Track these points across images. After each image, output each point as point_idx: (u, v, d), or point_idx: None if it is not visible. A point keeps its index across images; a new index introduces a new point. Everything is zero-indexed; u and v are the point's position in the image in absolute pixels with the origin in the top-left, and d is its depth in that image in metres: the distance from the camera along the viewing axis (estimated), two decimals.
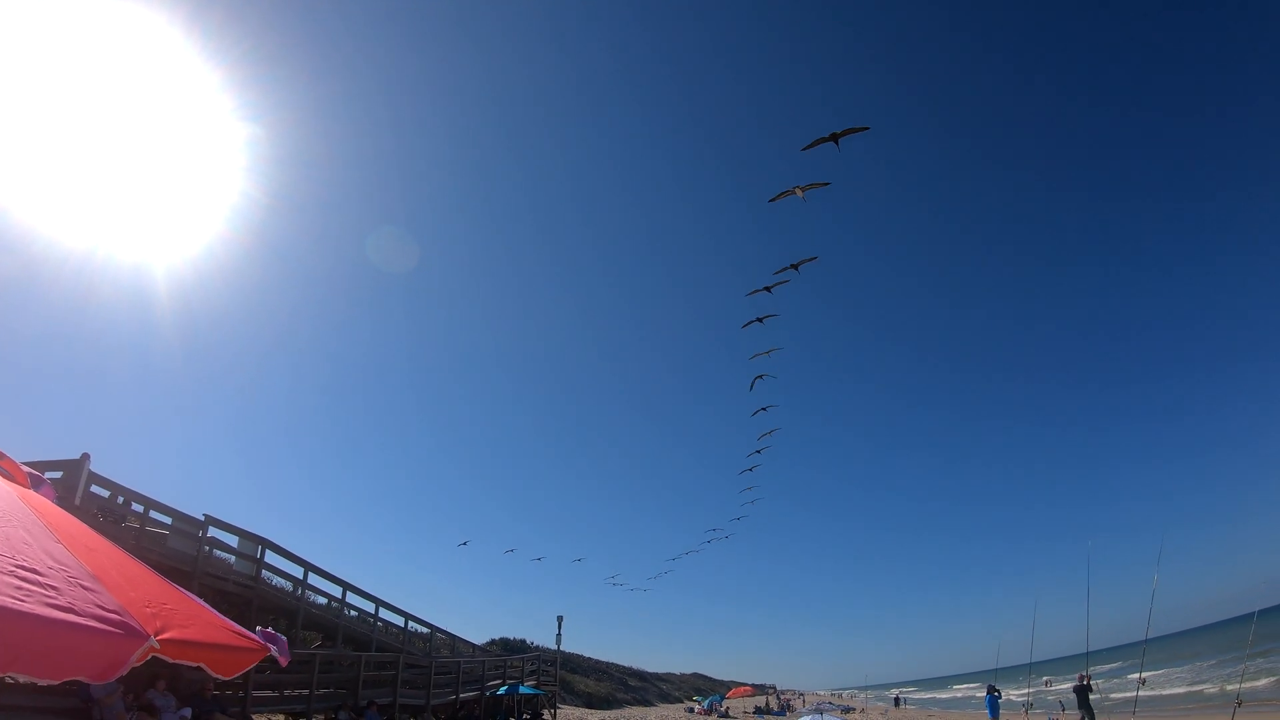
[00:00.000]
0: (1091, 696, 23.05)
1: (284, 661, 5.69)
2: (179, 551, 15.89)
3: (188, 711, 12.39)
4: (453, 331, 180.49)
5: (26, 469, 4.57)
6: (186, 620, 3.41)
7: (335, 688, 18.67)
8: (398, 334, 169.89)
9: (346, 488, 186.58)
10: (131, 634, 2.83)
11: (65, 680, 2.61)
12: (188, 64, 48.71)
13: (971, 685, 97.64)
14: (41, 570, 2.83)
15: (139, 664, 3.42)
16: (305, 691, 17.20)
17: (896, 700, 75.18)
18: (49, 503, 3.99)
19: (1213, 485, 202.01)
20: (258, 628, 4.43)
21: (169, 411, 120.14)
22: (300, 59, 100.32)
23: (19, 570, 2.76)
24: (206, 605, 4.24)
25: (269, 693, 16.92)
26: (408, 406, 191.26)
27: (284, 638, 4.42)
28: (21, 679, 2.56)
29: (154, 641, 2.90)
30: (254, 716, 15.28)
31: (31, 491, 4.10)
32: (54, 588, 2.75)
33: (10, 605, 2.53)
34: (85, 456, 13.58)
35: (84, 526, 3.99)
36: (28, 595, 2.62)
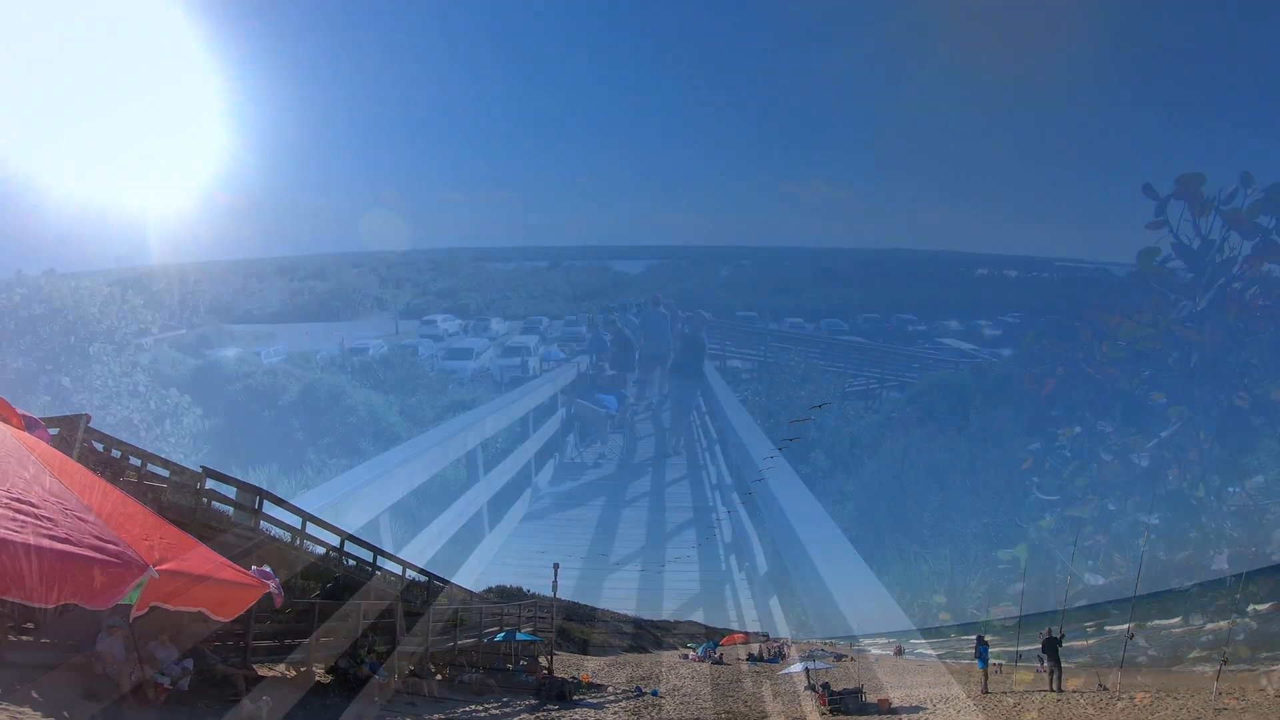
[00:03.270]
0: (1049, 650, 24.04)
1: (279, 600, 5.81)
2: (177, 504, 15.95)
3: (189, 663, 12.56)
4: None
5: (22, 413, 4.58)
6: (184, 554, 3.47)
7: (335, 637, 18.97)
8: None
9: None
10: (130, 563, 2.87)
11: (60, 604, 2.66)
12: (166, 14, 47.07)
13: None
14: (37, 503, 2.86)
15: (141, 612, 3.48)
16: (305, 641, 17.44)
17: (899, 650, 76.39)
18: (44, 443, 4.01)
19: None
20: (253, 567, 4.52)
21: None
22: (289, 13, 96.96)
23: (14, 503, 2.78)
24: (202, 544, 4.32)
25: (269, 643, 17.15)
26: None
27: (275, 577, 4.52)
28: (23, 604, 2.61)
29: (153, 571, 2.95)
30: (255, 667, 15.49)
31: (25, 432, 4.12)
32: (50, 519, 2.78)
33: (5, 537, 2.56)
34: (85, 416, 13.55)
35: (80, 466, 4.02)
36: (22, 526, 2.66)
